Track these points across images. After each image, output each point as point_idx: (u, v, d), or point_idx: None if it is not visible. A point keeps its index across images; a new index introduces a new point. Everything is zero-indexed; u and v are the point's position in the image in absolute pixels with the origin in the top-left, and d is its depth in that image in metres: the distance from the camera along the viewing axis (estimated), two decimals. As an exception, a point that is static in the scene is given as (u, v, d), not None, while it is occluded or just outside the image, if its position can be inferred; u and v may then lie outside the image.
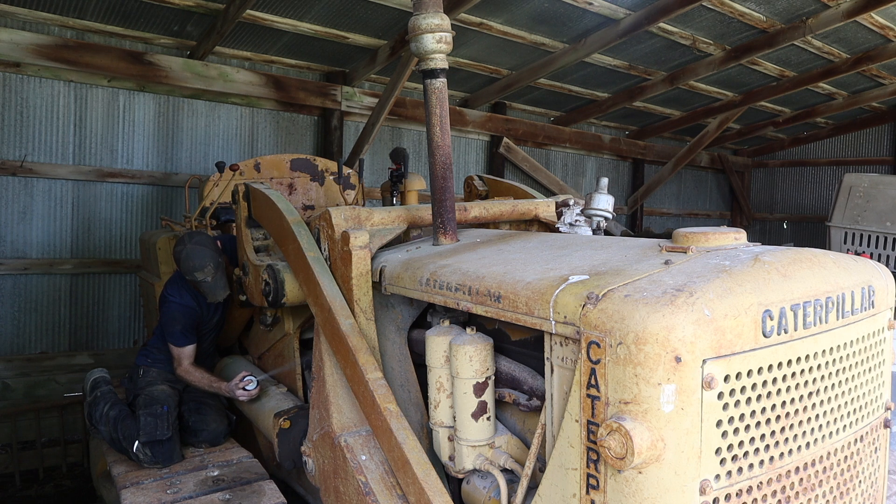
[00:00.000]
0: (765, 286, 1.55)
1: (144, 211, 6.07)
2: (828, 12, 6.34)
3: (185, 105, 6.24)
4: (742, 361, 1.49)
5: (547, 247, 2.24)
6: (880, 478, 1.95)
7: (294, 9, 5.57)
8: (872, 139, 11.03)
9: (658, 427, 1.45)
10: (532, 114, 9.04)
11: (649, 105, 9.18)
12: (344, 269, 2.52)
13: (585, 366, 1.57)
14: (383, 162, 6.88)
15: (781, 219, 12.24)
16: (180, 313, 3.49)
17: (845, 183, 7.99)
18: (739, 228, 1.86)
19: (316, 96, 6.73)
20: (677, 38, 6.85)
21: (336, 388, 2.52)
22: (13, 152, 5.43)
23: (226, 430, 3.43)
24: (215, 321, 3.72)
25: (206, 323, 3.64)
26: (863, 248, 7.62)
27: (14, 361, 5.51)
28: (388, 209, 2.79)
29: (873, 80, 8.73)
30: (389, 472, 2.26)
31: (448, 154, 2.56)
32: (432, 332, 2.15)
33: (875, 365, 1.84)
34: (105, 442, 3.43)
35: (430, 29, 2.42)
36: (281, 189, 4.69)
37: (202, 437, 3.35)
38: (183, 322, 3.48)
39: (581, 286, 1.67)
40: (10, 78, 5.38)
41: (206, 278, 3.32)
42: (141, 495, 2.82)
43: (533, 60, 7.15)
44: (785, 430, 1.59)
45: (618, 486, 1.52)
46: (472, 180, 3.90)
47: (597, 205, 3.18)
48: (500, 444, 2.10)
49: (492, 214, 3.08)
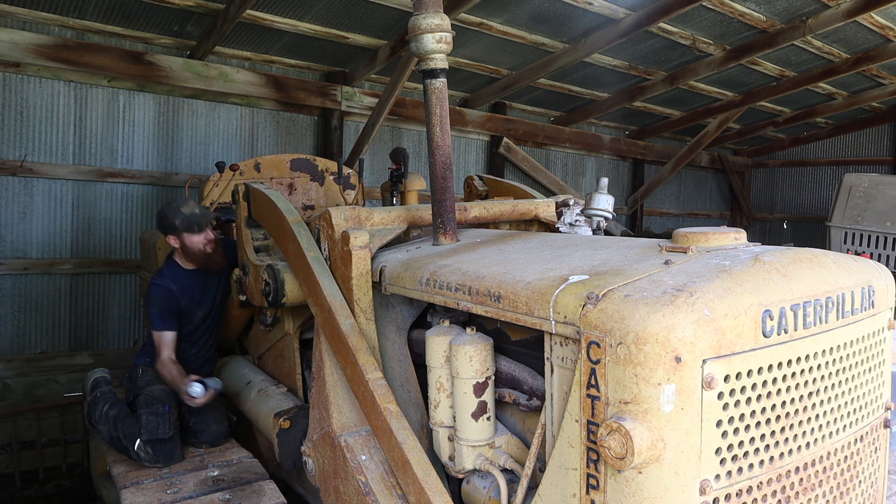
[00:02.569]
0: (765, 286, 1.55)
1: (144, 211, 6.07)
2: (828, 12, 6.34)
3: (185, 105, 6.24)
4: (742, 361, 1.49)
5: (547, 247, 2.24)
6: (880, 478, 1.95)
7: (294, 9, 5.57)
8: (872, 139, 11.03)
9: (658, 427, 1.45)
10: (532, 114, 9.04)
11: (649, 105, 9.18)
12: (344, 269, 2.52)
13: (585, 366, 1.57)
14: (383, 162, 6.88)
15: (781, 219, 12.24)
16: (157, 295, 3.48)
17: (845, 183, 7.99)
18: (739, 228, 1.86)
19: (316, 96, 6.73)
20: (677, 38, 6.85)
21: (336, 388, 2.52)
22: (13, 152, 5.43)
23: (226, 432, 3.42)
24: (201, 315, 3.63)
25: (190, 314, 3.57)
26: (863, 248, 7.62)
27: (14, 361, 5.51)
28: (388, 209, 2.79)
29: (873, 80, 8.73)
30: (389, 472, 2.26)
31: (448, 154, 2.56)
32: (432, 332, 2.15)
33: (875, 365, 1.84)
34: (105, 442, 3.43)
35: (430, 29, 2.42)
36: (281, 189, 4.69)
37: (203, 438, 3.34)
38: (159, 304, 3.46)
39: (581, 286, 1.67)
40: (10, 78, 5.38)
41: (193, 210, 3.38)
42: (141, 495, 2.82)
43: (533, 60, 7.15)
44: (785, 430, 1.59)
45: (618, 486, 1.52)
46: (472, 180, 3.90)
47: (597, 205, 3.18)
48: (500, 444, 2.09)
49: (492, 214, 3.08)
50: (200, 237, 3.49)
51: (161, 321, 3.46)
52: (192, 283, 3.59)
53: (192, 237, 3.47)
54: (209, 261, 3.54)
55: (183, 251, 3.53)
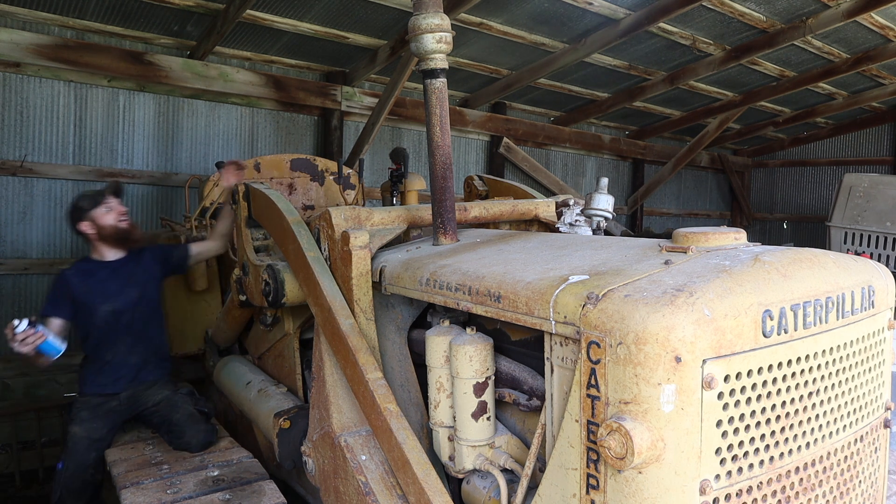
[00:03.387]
0: (765, 286, 1.55)
1: (144, 211, 6.07)
2: (828, 12, 6.34)
3: (185, 105, 6.24)
4: (742, 361, 1.49)
5: (547, 247, 2.24)
6: (880, 478, 1.95)
7: (294, 9, 5.57)
8: (872, 139, 11.03)
9: (658, 427, 1.45)
10: (532, 114, 9.04)
11: (649, 105, 9.18)
12: (344, 269, 2.52)
13: (585, 366, 1.57)
14: (383, 162, 6.88)
15: (781, 219, 12.24)
16: (54, 281, 3.41)
17: (845, 183, 7.99)
18: (739, 228, 1.86)
19: (316, 96, 6.73)
20: (677, 38, 6.85)
21: (336, 388, 2.52)
22: (13, 152, 5.43)
23: (204, 441, 3.29)
24: (108, 311, 3.37)
25: (91, 307, 3.35)
26: (863, 248, 7.62)
27: (14, 361, 5.49)
28: (388, 209, 2.79)
29: (873, 80, 8.73)
30: (389, 472, 2.26)
31: (448, 154, 2.56)
32: (432, 332, 2.15)
33: (875, 365, 1.84)
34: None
35: (430, 29, 2.41)
36: (281, 189, 4.69)
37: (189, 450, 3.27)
38: (52, 290, 3.38)
39: (581, 286, 1.67)
40: (10, 78, 5.38)
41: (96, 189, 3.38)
42: (141, 495, 2.82)
43: (533, 60, 7.15)
44: (785, 430, 1.59)
45: (618, 486, 1.52)
46: (472, 180, 3.90)
47: (597, 205, 3.18)
48: (500, 444, 2.09)
49: (492, 214, 3.08)
50: (112, 214, 3.40)
51: (50, 306, 3.33)
52: (103, 275, 3.42)
53: (104, 215, 3.38)
54: (129, 236, 3.45)
55: (100, 236, 3.40)
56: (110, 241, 3.44)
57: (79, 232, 3.45)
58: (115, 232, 3.42)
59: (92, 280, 3.40)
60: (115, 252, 3.49)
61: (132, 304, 3.45)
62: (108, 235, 3.41)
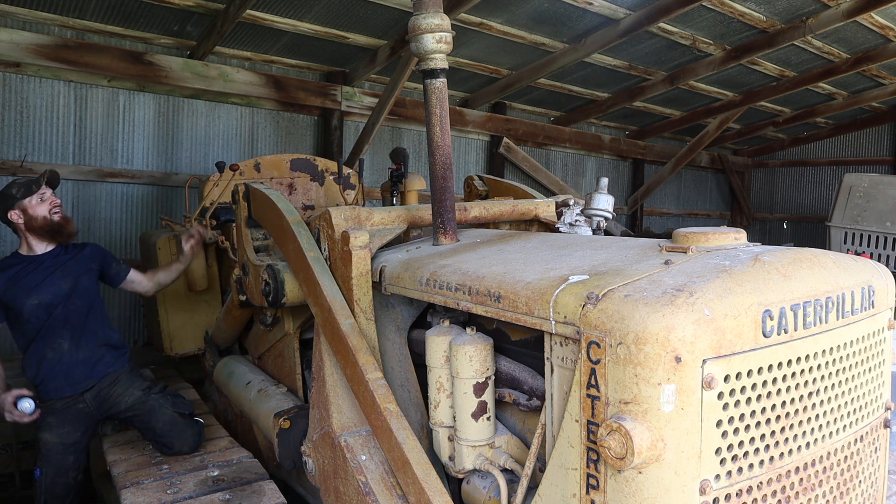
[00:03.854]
0: (765, 286, 1.55)
1: (144, 211, 6.07)
2: (828, 12, 6.33)
3: (185, 105, 6.24)
4: (742, 361, 1.49)
5: (547, 247, 2.24)
6: (880, 478, 1.95)
7: (294, 9, 5.57)
8: (872, 139, 11.02)
9: (658, 427, 1.45)
10: (532, 114, 9.04)
11: (649, 105, 9.17)
12: (344, 269, 2.52)
13: (585, 366, 1.57)
14: (383, 162, 6.88)
15: (781, 219, 12.24)
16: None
17: (845, 183, 7.99)
18: (739, 228, 1.86)
19: (316, 96, 6.73)
20: (677, 38, 6.85)
21: (336, 388, 2.52)
22: (13, 152, 5.43)
23: (194, 444, 3.24)
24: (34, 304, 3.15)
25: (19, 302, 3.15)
26: (863, 248, 7.62)
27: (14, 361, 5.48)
28: (388, 209, 2.79)
29: (873, 80, 8.72)
30: (389, 472, 2.26)
31: (448, 154, 2.56)
32: (432, 332, 2.15)
33: (875, 365, 1.84)
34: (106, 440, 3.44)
35: (430, 29, 2.42)
36: (281, 189, 4.69)
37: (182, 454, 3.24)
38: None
39: (581, 286, 1.67)
40: (10, 78, 5.38)
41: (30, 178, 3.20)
42: (141, 495, 2.82)
43: (533, 60, 7.15)
44: (785, 430, 1.59)
45: (618, 486, 1.52)
46: (472, 180, 3.90)
47: (597, 205, 3.18)
48: (500, 444, 2.10)
49: (492, 214, 3.08)
50: (45, 205, 3.20)
51: None
52: (29, 269, 3.21)
53: (36, 206, 3.19)
54: (61, 229, 3.25)
55: (29, 226, 3.19)
56: (40, 233, 3.22)
57: (6, 221, 3.23)
58: (45, 224, 3.20)
59: (15, 275, 3.16)
60: (46, 246, 3.28)
61: (62, 296, 3.21)
62: (37, 227, 3.20)
